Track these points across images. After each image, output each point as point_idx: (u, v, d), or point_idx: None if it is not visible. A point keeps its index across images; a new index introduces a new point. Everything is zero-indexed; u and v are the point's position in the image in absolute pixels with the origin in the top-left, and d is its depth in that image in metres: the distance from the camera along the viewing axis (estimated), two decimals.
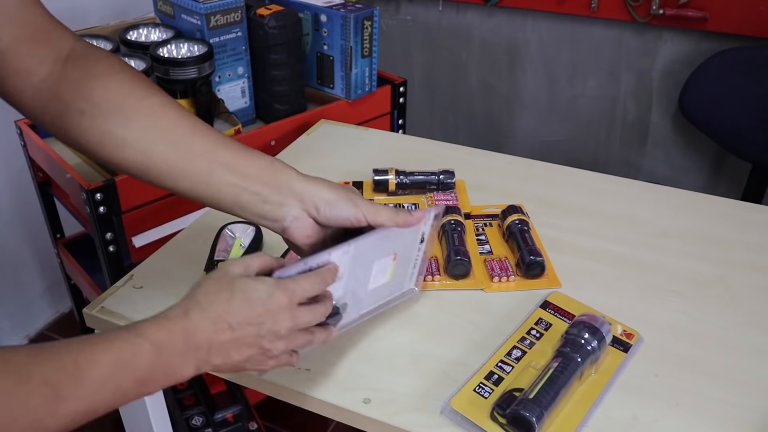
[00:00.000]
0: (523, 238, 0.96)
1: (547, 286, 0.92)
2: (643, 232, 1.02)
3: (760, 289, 0.91)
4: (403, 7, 2.29)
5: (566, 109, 2.20)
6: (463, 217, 1.00)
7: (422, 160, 1.21)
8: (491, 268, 0.94)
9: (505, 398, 0.72)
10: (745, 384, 0.77)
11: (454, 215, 1.00)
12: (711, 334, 0.84)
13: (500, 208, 1.04)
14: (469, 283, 0.92)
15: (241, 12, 1.36)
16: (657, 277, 0.93)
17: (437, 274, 0.93)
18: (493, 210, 1.06)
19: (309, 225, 0.71)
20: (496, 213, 1.04)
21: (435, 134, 2.34)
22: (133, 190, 1.24)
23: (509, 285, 0.92)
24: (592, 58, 2.07)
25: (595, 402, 0.74)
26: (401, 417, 0.73)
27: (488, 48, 2.22)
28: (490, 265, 0.95)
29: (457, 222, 0.98)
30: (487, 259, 0.96)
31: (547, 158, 1.29)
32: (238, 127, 1.38)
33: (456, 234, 0.96)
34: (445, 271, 0.93)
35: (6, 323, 1.91)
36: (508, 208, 1.02)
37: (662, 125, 2.06)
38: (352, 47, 1.42)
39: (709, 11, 1.79)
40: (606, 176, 1.17)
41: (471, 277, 0.92)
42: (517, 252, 0.95)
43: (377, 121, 1.58)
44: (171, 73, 1.29)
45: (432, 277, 0.92)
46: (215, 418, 1.30)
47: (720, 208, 1.08)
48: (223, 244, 0.97)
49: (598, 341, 0.76)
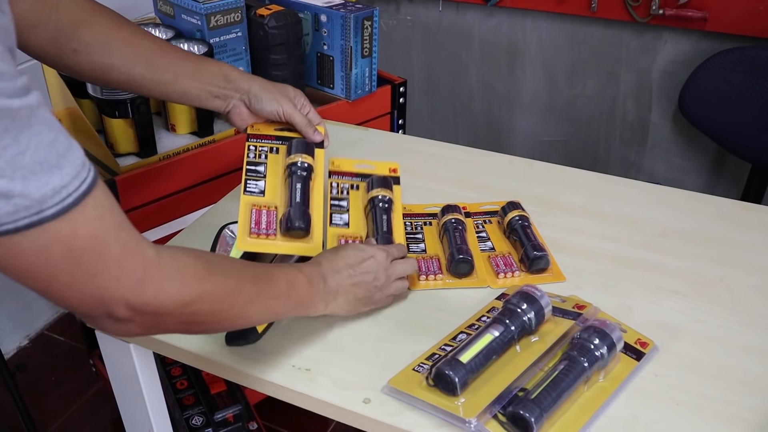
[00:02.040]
0: (525, 233, 0.96)
1: (551, 280, 0.92)
2: (643, 232, 1.02)
3: (760, 289, 0.91)
4: (403, 7, 2.29)
5: (566, 109, 2.20)
6: (463, 215, 1.00)
7: (422, 160, 1.21)
8: (495, 265, 0.94)
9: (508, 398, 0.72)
10: (745, 384, 0.77)
11: (455, 214, 0.99)
12: (711, 334, 0.84)
13: (498, 204, 1.04)
14: (473, 281, 0.92)
15: (241, 12, 1.36)
16: (657, 277, 0.93)
17: (440, 274, 0.93)
18: (490, 207, 1.06)
19: (244, 112, 0.98)
20: (494, 210, 1.04)
21: (435, 134, 2.34)
22: (133, 190, 1.24)
23: (514, 281, 0.92)
24: (592, 58, 2.07)
25: (600, 408, 0.73)
26: (401, 417, 0.73)
27: (488, 48, 2.22)
28: (495, 261, 0.94)
29: (458, 220, 0.98)
30: (490, 256, 0.96)
31: (547, 158, 1.29)
32: None
33: (458, 233, 0.96)
34: (448, 270, 0.93)
35: (6, 323, 1.91)
36: (507, 204, 1.02)
37: (662, 125, 2.06)
38: (352, 47, 1.42)
39: (709, 11, 1.79)
40: (606, 176, 1.17)
41: (474, 275, 0.92)
42: (521, 248, 0.95)
43: (377, 121, 1.58)
44: None
45: (435, 276, 0.92)
46: (215, 418, 1.30)
47: (720, 208, 1.08)
48: (223, 244, 0.97)
49: (608, 347, 0.75)
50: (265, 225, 0.84)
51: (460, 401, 0.71)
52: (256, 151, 0.92)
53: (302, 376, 0.78)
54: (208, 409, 1.32)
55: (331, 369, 0.79)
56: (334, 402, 0.75)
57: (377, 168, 1.03)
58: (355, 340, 0.83)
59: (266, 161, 0.92)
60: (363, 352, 0.82)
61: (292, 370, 0.79)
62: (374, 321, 0.86)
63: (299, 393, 0.77)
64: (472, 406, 0.70)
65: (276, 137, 0.96)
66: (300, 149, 0.93)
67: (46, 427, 1.72)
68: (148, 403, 0.92)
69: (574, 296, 0.87)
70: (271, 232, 0.84)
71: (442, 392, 0.72)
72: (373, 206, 0.96)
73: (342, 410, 0.75)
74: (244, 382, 0.81)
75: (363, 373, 0.78)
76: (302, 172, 0.91)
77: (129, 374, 0.91)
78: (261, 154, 0.92)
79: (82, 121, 1.27)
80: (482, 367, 0.73)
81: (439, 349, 0.79)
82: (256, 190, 0.88)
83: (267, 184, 0.89)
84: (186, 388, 1.36)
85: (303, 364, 0.80)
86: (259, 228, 0.84)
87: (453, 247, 0.93)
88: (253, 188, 0.88)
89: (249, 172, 0.90)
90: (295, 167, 0.91)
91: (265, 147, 0.94)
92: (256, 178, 0.89)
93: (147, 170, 1.26)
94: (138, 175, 1.24)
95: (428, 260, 0.94)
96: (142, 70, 0.92)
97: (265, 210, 0.86)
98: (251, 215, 0.85)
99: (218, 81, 0.95)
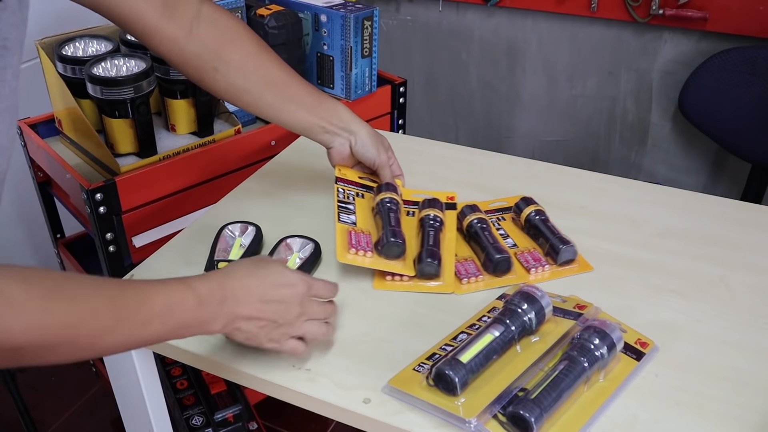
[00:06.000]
0: (547, 227, 0.97)
1: (579, 271, 0.93)
2: (643, 232, 1.02)
3: (761, 289, 0.91)
4: (403, 7, 2.29)
5: (566, 109, 2.20)
6: (484, 213, 1.00)
7: (422, 160, 1.21)
8: (525, 261, 0.94)
9: (508, 398, 0.72)
10: (745, 384, 0.77)
11: (478, 214, 0.99)
12: (711, 334, 0.84)
13: (504, 201, 1.04)
14: (510, 278, 0.92)
15: (241, 12, 1.36)
16: (657, 277, 0.93)
17: (480, 275, 0.92)
18: (499, 204, 1.06)
19: (345, 152, 1.04)
20: (504, 206, 1.05)
21: (435, 134, 2.34)
22: (133, 190, 1.24)
23: (545, 275, 0.92)
24: (592, 58, 2.07)
25: (600, 408, 0.73)
26: (401, 417, 0.73)
27: (488, 48, 2.22)
28: (524, 258, 0.95)
29: (481, 219, 0.98)
30: (517, 253, 0.96)
31: (547, 158, 1.29)
32: (239, 127, 1.38)
33: (487, 232, 0.96)
34: (486, 269, 0.92)
35: None
36: (521, 200, 1.02)
37: (662, 125, 2.06)
38: (352, 47, 1.42)
39: (709, 11, 1.79)
40: (606, 176, 1.17)
41: (513, 272, 0.92)
42: (545, 242, 0.95)
43: (377, 121, 1.58)
44: (171, 73, 1.29)
45: (476, 278, 0.91)
46: (215, 418, 1.30)
47: (720, 208, 1.08)
48: (223, 243, 0.97)
49: (608, 347, 0.75)
50: (364, 243, 0.92)
51: (460, 401, 0.71)
52: (344, 194, 1.02)
53: (302, 376, 0.78)
54: (208, 409, 1.32)
55: (331, 369, 0.79)
56: (334, 402, 0.75)
57: (436, 195, 1.05)
58: (355, 341, 0.83)
59: (354, 202, 1.02)
60: (363, 352, 0.82)
61: (292, 370, 0.79)
62: (374, 321, 0.86)
63: (299, 393, 0.77)
64: (471, 406, 0.70)
65: (361, 185, 1.06)
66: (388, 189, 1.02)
67: (46, 427, 1.72)
68: (148, 403, 0.92)
69: (574, 296, 0.87)
70: (368, 250, 0.92)
71: (442, 392, 0.72)
72: (423, 224, 0.98)
73: (342, 410, 0.75)
74: (244, 382, 0.81)
75: (363, 373, 0.78)
76: (391, 205, 0.99)
77: (129, 374, 0.91)
78: (349, 196, 1.02)
79: (82, 121, 1.27)
80: (482, 367, 0.73)
81: (439, 349, 0.79)
82: (349, 221, 0.97)
83: (357, 218, 0.99)
84: (186, 388, 1.36)
85: (303, 364, 0.80)
86: (358, 245, 0.92)
87: (489, 246, 0.93)
88: (346, 219, 0.97)
89: (340, 208, 0.99)
90: (383, 203, 0.99)
91: (352, 191, 1.03)
92: (347, 213, 0.99)
93: (147, 170, 1.26)
94: (138, 175, 1.24)
95: (465, 263, 0.94)
96: (270, 98, 0.99)
97: (361, 233, 0.94)
98: (349, 235, 0.93)
99: (333, 118, 1.02)
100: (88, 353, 0.63)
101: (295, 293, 0.76)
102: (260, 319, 0.74)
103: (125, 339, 0.65)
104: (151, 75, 1.25)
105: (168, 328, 0.68)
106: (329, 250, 0.96)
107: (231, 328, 0.73)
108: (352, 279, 0.93)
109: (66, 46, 1.32)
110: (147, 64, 1.26)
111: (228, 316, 0.72)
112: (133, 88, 1.21)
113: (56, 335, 0.58)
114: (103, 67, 1.25)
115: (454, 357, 0.73)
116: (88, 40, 1.35)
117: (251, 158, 1.38)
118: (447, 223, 0.99)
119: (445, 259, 0.93)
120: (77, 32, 1.35)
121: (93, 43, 1.35)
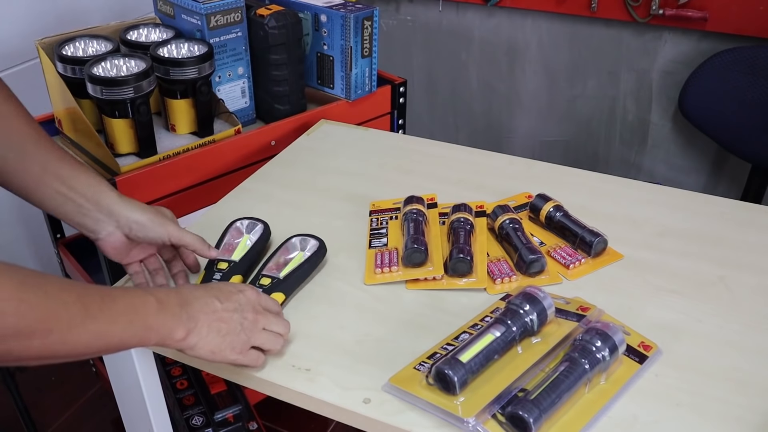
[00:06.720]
0: (573, 222, 0.98)
1: (611, 261, 0.95)
2: (642, 232, 1.02)
3: (760, 289, 0.91)
4: (403, 7, 2.29)
5: (566, 109, 2.20)
6: (515, 213, 1.01)
7: (422, 160, 1.21)
8: (561, 257, 0.95)
9: (508, 398, 0.72)
10: (745, 384, 0.77)
11: (510, 214, 0.99)
12: (711, 334, 0.84)
13: (513, 200, 1.05)
14: (544, 279, 0.92)
15: (241, 12, 1.36)
16: (657, 277, 0.93)
17: (513, 275, 0.92)
18: (512, 202, 1.07)
19: (119, 240, 0.87)
20: (516, 204, 1.05)
21: (435, 134, 2.34)
22: (133, 190, 1.24)
23: (581, 269, 0.94)
24: (592, 58, 2.07)
25: (601, 410, 0.73)
26: (401, 417, 0.73)
27: (488, 48, 2.22)
28: (558, 254, 0.96)
29: (514, 219, 0.98)
30: (549, 251, 0.97)
31: (547, 158, 1.29)
32: (239, 127, 1.38)
33: (520, 233, 0.96)
34: (519, 269, 0.93)
35: None
36: (537, 198, 1.03)
37: (662, 125, 2.06)
38: (352, 47, 1.42)
39: (709, 11, 1.79)
40: (606, 176, 1.17)
41: (546, 272, 0.93)
42: (573, 236, 0.97)
43: (377, 121, 1.58)
44: (171, 73, 1.28)
45: (509, 278, 0.92)
46: (215, 418, 1.30)
47: (720, 208, 1.08)
48: (234, 234, 0.97)
49: (610, 349, 0.75)
50: (388, 261, 0.95)
51: (459, 400, 0.71)
52: (377, 222, 1.05)
53: (302, 376, 0.78)
54: (208, 409, 1.32)
55: (331, 369, 0.79)
56: (334, 402, 0.75)
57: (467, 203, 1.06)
58: (355, 341, 0.83)
59: (387, 226, 1.04)
60: (363, 352, 0.82)
61: (292, 370, 0.79)
62: (374, 321, 0.86)
63: (299, 393, 0.77)
64: (470, 406, 0.70)
65: (396, 209, 1.07)
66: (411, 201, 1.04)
67: (46, 427, 1.72)
68: (148, 403, 0.92)
69: (578, 298, 0.87)
70: (393, 264, 0.94)
71: (441, 391, 0.72)
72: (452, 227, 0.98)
73: (342, 410, 0.75)
74: (244, 382, 0.81)
75: (363, 373, 0.78)
76: (415, 215, 1.00)
77: (129, 374, 0.91)
78: (382, 223, 1.04)
79: (82, 121, 1.27)
80: (482, 367, 0.73)
81: (440, 348, 0.79)
82: (380, 244, 1.00)
83: (389, 239, 1.01)
84: (186, 388, 1.36)
85: (303, 364, 0.80)
86: (383, 264, 0.94)
87: (523, 247, 0.93)
88: (377, 243, 1.00)
89: (372, 235, 1.02)
90: (406, 216, 1.01)
91: (385, 217, 1.06)
92: (379, 237, 1.01)
93: (147, 170, 1.26)
94: (138, 176, 1.24)
95: (498, 263, 0.94)
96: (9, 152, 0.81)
97: (387, 252, 0.97)
98: (375, 258, 0.96)
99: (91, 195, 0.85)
100: (61, 349, 0.63)
101: (247, 298, 0.78)
102: (221, 322, 0.75)
103: (95, 336, 0.65)
104: (151, 75, 1.25)
105: (136, 328, 0.68)
106: (332, 249, 0.97)
107: (194, 337, 0.73)
108: (352, 279, 0.93)
109: (66, 46, 1.32)
110: (147, 64, 1.26)
111: (190, 320, 0.73)
112: (133, 88, 1.21)
113: (30, 324, 0.58)
114: (103, 67, 1.25)
115: (453, 356, 0.73)
116: (88, 40, 1.34)
117: (251, 158, 1.38)
118: (477, 227, 1.00)
119: (477, 258, 0.93)
120: (77, 32, 1.35)
121: (93, 43, 1.35)
